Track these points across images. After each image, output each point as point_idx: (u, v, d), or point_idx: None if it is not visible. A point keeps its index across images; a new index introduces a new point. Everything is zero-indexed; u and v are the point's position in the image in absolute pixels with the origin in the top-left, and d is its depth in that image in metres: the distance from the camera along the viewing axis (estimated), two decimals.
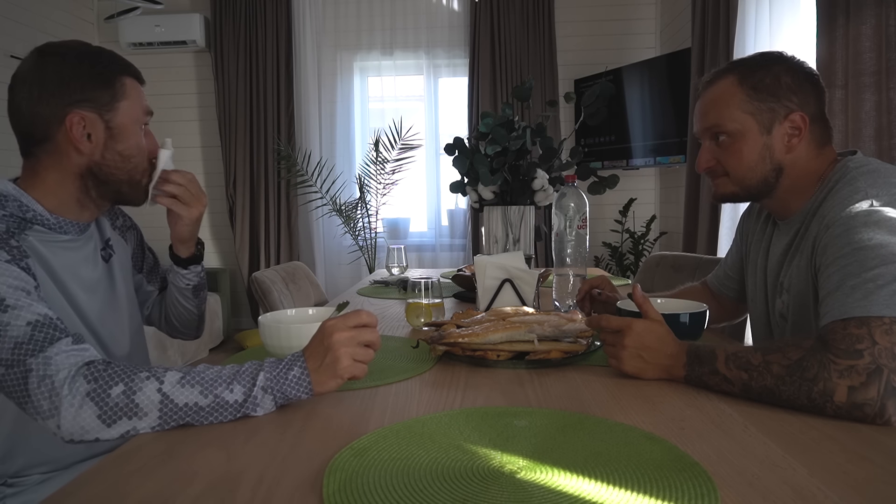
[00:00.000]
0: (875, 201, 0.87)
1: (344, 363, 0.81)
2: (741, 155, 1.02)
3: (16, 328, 0.77)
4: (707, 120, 1.05)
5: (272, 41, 4.18)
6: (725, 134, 1.03)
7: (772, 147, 1.01)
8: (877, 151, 2.00)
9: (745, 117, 1.01)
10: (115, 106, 0.97)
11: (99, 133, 0.96)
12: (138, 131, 1.01)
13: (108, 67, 0.97)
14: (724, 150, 1.04)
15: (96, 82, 0.95)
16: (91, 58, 0.97)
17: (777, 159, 1.01)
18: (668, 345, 0.92)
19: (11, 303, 0.79)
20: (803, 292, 1.00)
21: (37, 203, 0.95)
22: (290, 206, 4.27)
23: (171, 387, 0.76)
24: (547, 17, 4.09)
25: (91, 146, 0.96)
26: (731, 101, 1.02)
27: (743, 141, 1.02)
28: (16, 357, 0.76)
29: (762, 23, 2.70)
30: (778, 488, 0.58)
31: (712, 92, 1.05)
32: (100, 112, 0.96)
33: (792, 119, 0.99)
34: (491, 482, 0.60)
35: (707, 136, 1.07)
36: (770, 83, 1.00)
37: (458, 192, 2.29)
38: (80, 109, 0.94)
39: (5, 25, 3.44)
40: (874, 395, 0.74)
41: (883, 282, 0.79)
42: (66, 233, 0.99)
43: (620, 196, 4.17)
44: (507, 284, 1.45)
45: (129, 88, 0.99)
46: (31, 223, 0.93)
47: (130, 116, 0.99)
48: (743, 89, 1.01)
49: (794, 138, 1.00)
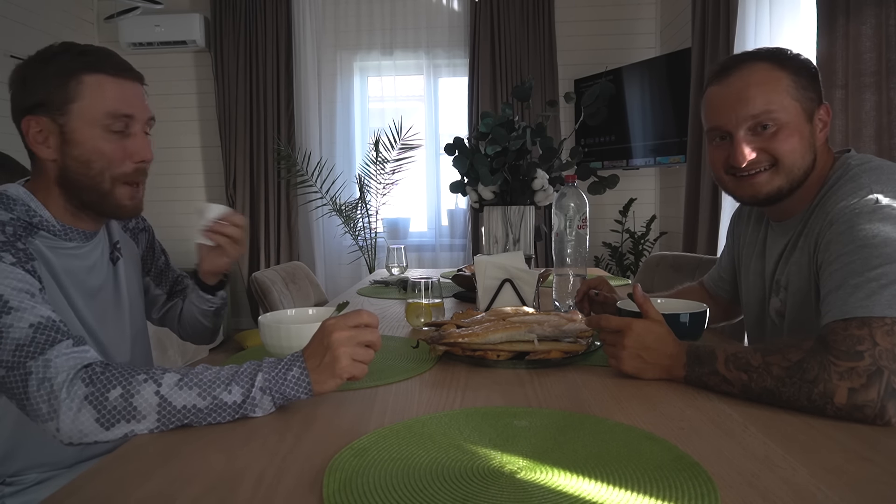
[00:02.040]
0: (880, 197, 0.86)
1: (343, 363, 0.80)
2: (792, 143, 0.96)
3: (18, 330, 0.77)
4: (753, 106, 0.96)
5: (272, 41, 4.18)
6: (773, 121, 0.96)
7: (813, 137, 0.98)
8: (877, 151, 2.00)
9: (794, 104, 0.96)
10: (68, 108, 0.91)
11: (54, 138, 0.92)
12: (100, 135, 0.93)
13: (63, 67, 0.91)
14: (770, 140, 0.96)
15: (49, 85, 0.91)
16: (52, 59, 0.92)
17: (815, 150, 0.98)
18: (668, 345, 0.92)
19: (15, 305, 0.79)
20: (804, 290, 0.99)
21: (45, 209, 0.94)
22: (290, 206, 4.27)
23: (168, 389, 0.76)
24: (547, 17, 4.09)
25: (50, 151, 0.93)
26: (778, 86, 0.95)
27: (792, 128, 0.96)
28: (17, 359, 0.76)
29: (762, 23, 2.70)
30: (778, 488, 0.58)
31: (751, 76, 0.97)
32: (52, 115, 0.91)
33: (823, 108, 0.98)
34: (491, 482, 0.60)
35: (745, 125, 0.97)
36: (806, 71, 0.97)
37: (458, 192, 2.29)
38: (34, 114, 0.91)
39: (5, 25, 3.44)
40: (874, 396, 0.73)
41: (886, 281, 0.78)
42: (71, 240, 0.98)
43: (620, 196, 4.16)
44: (507, 284, 1.45)
45: (89, 88, 0.92)
46: (37, 228, 0.92)
47: (85, 119, 0.92)
48: (787, 73, 0.96)
49: (824, 129, 0.99)
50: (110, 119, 0.93)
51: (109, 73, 0.94)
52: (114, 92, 0.94)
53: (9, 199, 0.91)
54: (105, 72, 0.94)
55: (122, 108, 0.94)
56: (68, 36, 3.96)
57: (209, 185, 4.39)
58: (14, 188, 0.94)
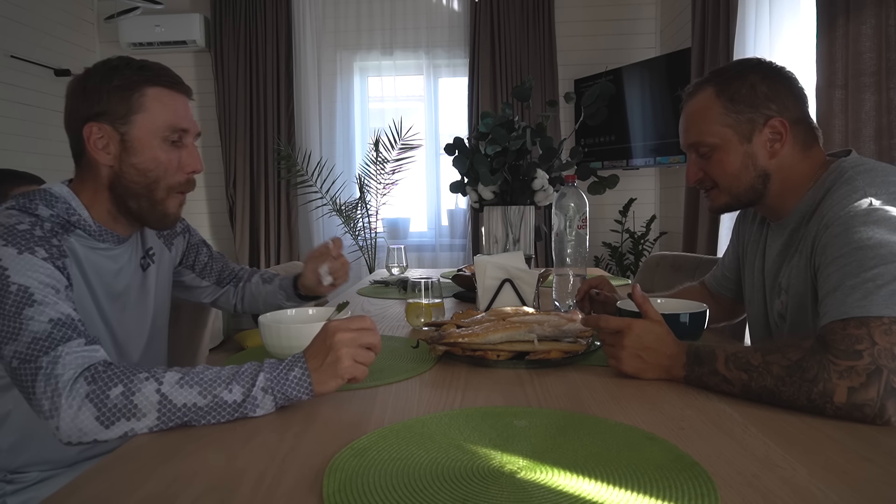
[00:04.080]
0: (874, 200, 0.87)
1: (345, 363, 0.82)
2: (724, 166, 1.04)
3: (38, 323, 0.79)
4: (689, 136, 1.08)
5: (272, 41, 4.18)
6: (706, 147, 1.05)
7: (754, 155, 1.02)
8: (877, 151, 2.00)
9: (724, 130, 1.03)
10: (131, 119, 0.96)
11: (115, 145, 0.97)
12: (158, 145, 0.99)
13: (128, 80, 0.96)
14: (708, 163, 1.06)
15: (113, 95, 0.96)
16: (115, 71, 0.97)
17: (761, 166, 1.03)
18: (668, 345, 0.92)
19: (39, 298, 0.81)
20: (802, 292, 1.00)
21: (84, 208, 0.98)
22: (290, 206, 4.27)
23: (169, 387, 0.76)
24: (547, 17, 4.09)
25: (109, 157, 0.98)
26: (708, 116, 1.04)
27: (724, 152, 1.04)
28: (31, 352, 0.78)
29: (762, 23, 2.70)
30: (778, 488, 0.58)
31: (691, 107, 1.08)
32: (114, 124, 0.96)
33: (772, 125, 1.00)
34: (491, 482, 0.60)
35: (691, 150, 1.09)
36: (746, 93, 1.01)
37: (458, 192, 2.29)
38: (97, 121, 0.96)
39: (5, 25, 3.44)
40: (874, 395, 0.74)
41: (882, 281, 0.79)
42: (105, 241, 1.01)
43: (620, 196, 4.16)
44: (507, 284, 1.45)
45: (151, 101, 0.97)
46: (74, 227, 0.96)
47: (147, 130, 0.97)
48: (720, 101, 1.03)
49: (776, 143, 1.01)
50: (169, 131, 0.99)
51: (168, 86, 1.00)
52: (173, 105, 1.00)
53: (52, 196, 0.95)
54: (165, 85, 1.00)
55: (180, 123, 1.00)
56: (68, 36, 3.96)
57: (209, 185, 4.38)
58: (58, 187, 0.98)
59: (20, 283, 0.81)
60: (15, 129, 3.49)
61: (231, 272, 1.38)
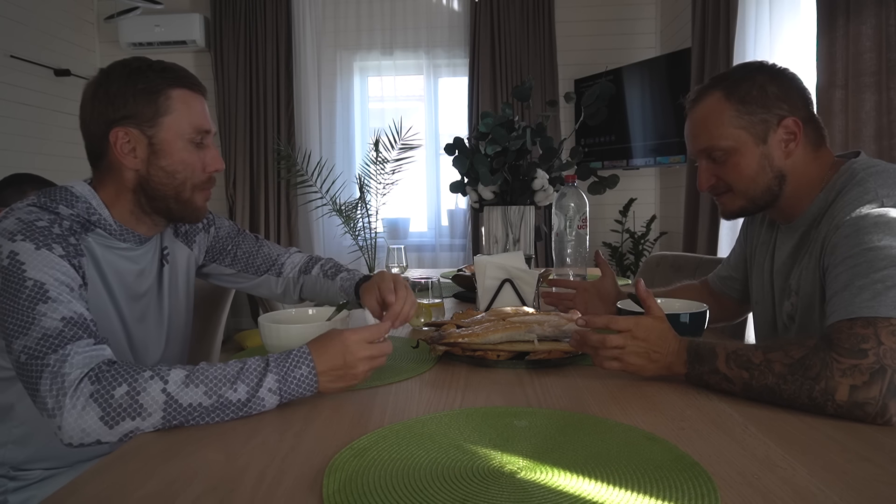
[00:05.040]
0: (886, 202, 0.87)
1: (360, 379, 0.86)
2: (740, 169, 1.02)
3: (50, 320, 0.79)
4: (700, 142, 1.05)
5: (272, 41, 4.17)
6: (720, 151, 1.02)
7: (770, 156, 1.01)
8: (877, 151, 2.00)
9: (738, 132, 1.01)
10: (158, 122, 0.96)
11: (142, 149, 0.97)
12: (184, 147, 0.99)
13: (152, 83, 0.96)
14: (721, 167, 1.04)
15: (139, 98, 0.95)
16: (138, 74, 0.96)
17: (777, 167, 1.01)
18: (670, 342, 0.92)
19: (53, 295, 0.82)
20: (810, 293, 1.00)
21: (105, 207, 0.98)
22: (290, 206, 4.27)
23: (175, 387, 0.76)
24: (547, 17, 4.09)
25: (136, 161, 0.97)
26: (719, 119, 1.01)
27: (740, 155, 1.01)
28: (40, 348, 0.78)
29: (762, 23, 2.70)
30: (778, 488, 0.58)
31: (699, 111, 1.05)
32: (141, 128, 0.96)
33: (785, 125, 1.00)
34: (491, 482, 0.60)
35: (702, 155, 1.06)
36: (757, 94, 1.00)
37: (458, 192, 2.29)
38: (123, 126, 0.95)
39: (5, 25, 3.44)
40: (876, 394, 0.74)
41: (892, 283, 0.79)
42: (125, 241, 1.01)
43: (620, 196, 4.16)
44: (507, 284, 1.45)
45: (177, 103, 0.97)
46: (94, 226, 0.96)
47: (174, 132, 0.97)
48: (731, 104, 1.01)
49: (790, 143, 1.00)
50: (194, 133, 0.99)
51: (190, 87, 1.00)
52: (196, 107, 1.01)
53: (72, 195, 0.95)
54: (187, 87, 0.99)
55: (204, 124, 1.01)
56: (68, 36, 3.96)
57: None
58: (80, 186, 0.98)
59: (36, 279, 0.82)
60: (15, 129, 3.49)
61: (271, 261, 1.32)
